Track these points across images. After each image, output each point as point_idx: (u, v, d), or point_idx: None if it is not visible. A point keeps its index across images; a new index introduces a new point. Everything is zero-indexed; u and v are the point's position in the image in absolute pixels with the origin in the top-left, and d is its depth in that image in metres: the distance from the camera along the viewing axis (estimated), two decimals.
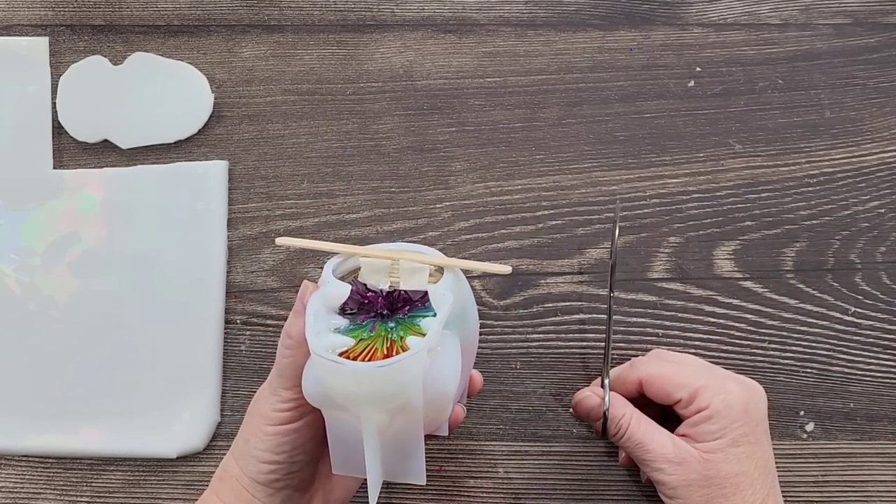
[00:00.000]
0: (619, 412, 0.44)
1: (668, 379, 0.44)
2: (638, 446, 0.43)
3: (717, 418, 0.42)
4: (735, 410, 0.42)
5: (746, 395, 0.42)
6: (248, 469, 0.41)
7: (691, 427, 0.42)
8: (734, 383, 0.43)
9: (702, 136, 0.52)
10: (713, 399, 0.42)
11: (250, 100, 0.52)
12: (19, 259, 0.50)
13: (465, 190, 0.51)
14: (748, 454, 0.42)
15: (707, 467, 0.41)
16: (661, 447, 0.42)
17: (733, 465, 0.41)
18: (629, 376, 0.45)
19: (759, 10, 0.53)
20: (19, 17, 0.53)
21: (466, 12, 0.53)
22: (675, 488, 0.41)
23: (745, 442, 0.42)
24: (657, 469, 0.42)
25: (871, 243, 0.51)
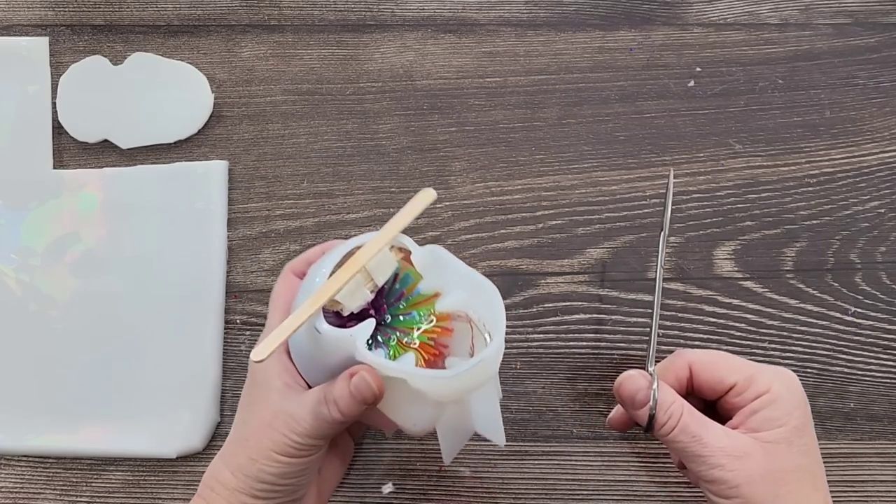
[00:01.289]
0: (670, 398, 0.38)
1: (721, 363, 0.40)
2: (693, 440, 0.37)
3: (780, 403, 0.38)
4: (796, 396, 0.38)
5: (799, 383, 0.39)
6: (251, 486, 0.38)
7: (749, 416, 0.38)
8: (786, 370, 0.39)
9: (702, 136, 0.52)
10: (773, 383, 0.38)
11: (250, 100, 0.52)
12: (19, 259, 0.50)
13: (465, 190, 0.51)
14: (810, 447, 0.38)
15: (772, 460, 0.37)
16: (717, 440, 0.37)
17: (798, 458, 0.37)
18: (675, 363, 0.40)
19: (759, 10, 0.53)
20: (19, 17, 0.53)
21: (466, 12, 0.53)
22: (738, 486, 0.36)
23: (806, 433, 0.38)
24: (715, 465, 0.37)
25: (871, 243, 0.51)
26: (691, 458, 0.38)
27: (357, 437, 0.47)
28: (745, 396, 0.38)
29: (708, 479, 0.37)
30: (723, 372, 0.39)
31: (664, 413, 0.38)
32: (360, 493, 0.48)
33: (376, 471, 0.49)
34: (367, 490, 0.49)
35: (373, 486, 0.49)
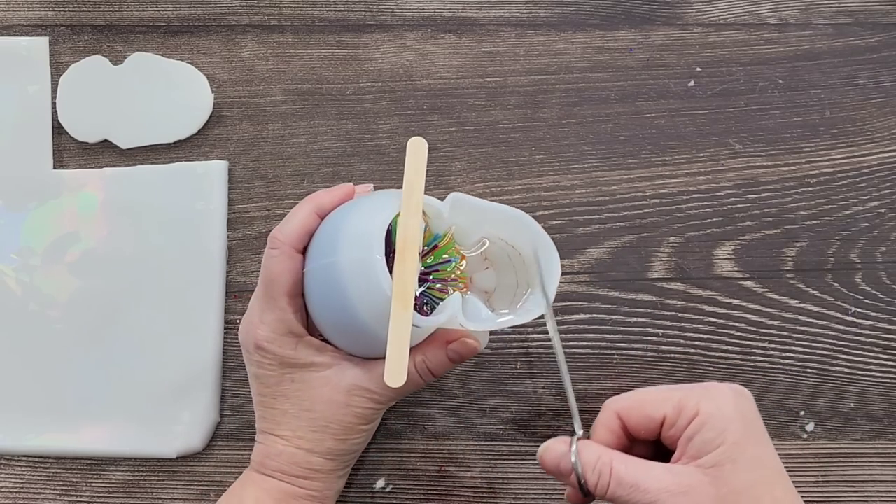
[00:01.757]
0: (593, 455, 0.36)
1: (646, 400, 0.37)
2: (633, 489, 0.35)
3: (712, 423, 0.36)
4: (727, 410, 0.36)
5: (732, 394, 0.37)
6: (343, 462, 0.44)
7: (686, 444, 0.36)
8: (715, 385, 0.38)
9: (702, 136, 0.52)
10: (700, 404, 0.36)
11: (250, 100, 0.52)
12: (19, 259, 0.50)
13: (465, 190, 0.51)
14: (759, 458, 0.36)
15: (718, 486, 0.35)
16: (658, 482, 0.35)
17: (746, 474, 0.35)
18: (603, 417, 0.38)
19: (759, 10, 0.53)
20: (19, 17, 0.53)
21: (466, 12, 0.53)
22: None
23: (749, 444, 0.36)
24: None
25: (871, 243, 0.51)
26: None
27: None
28: (678, 426, 0.36)
29: None
30: (649, 409, 0.37)
31: (592, 473, 0.36)
32: (359, 493, 0.48)
33: (377, 471, 0.49)
34: (368, 490, 0.49)
35: (374, 486, 0.49)
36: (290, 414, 0.42)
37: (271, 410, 0.43)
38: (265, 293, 0.42)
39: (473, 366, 0.50)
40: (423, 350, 0.42)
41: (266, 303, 0.42)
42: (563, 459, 0.36)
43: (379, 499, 0.49)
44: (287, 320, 0.41)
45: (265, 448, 0.43)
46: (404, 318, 0.37)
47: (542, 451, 0.38)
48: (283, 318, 0.41)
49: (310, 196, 0.43)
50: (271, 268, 0.41)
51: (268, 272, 0.42)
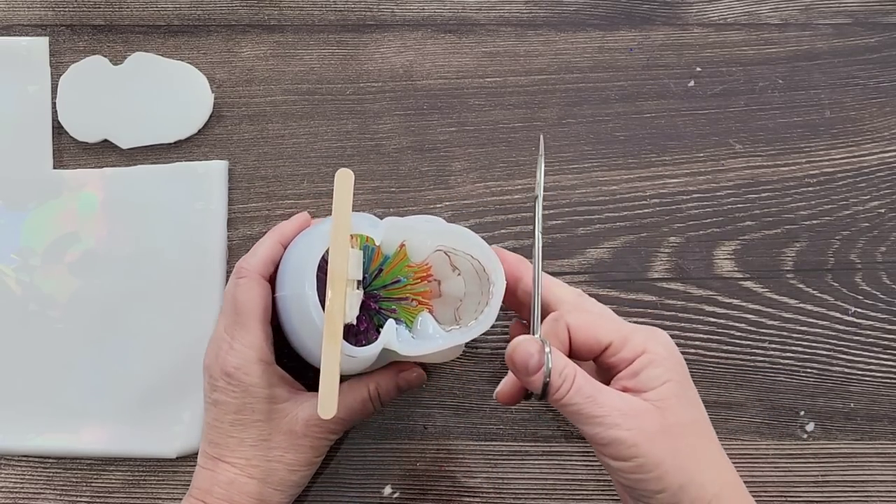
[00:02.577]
0: (561, 362, 0.37)
1: (597, 323, 0.39)
2: (588, 400, 0.36)
3: (660, 361, 0.38)
4: (673, 353, 0.38)
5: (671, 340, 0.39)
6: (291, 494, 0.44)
7: (632, 377, 0.38)
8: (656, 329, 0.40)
9: (702, 136, 0.52)
10: (648, 342, 0.38)
11: (250, 100, 0.52)
12: (19, 259, 0.50)
13: (465, 190, 0.51)
14: (696, 401, 0.38)
15: (665, 416, 0.36)
16: (611, 400, 0.36)
17: (688, 411, 0.37)
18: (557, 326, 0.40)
19: (759, 10, 0.53)
20: (19, 17, 0.53)
21: (466, 12, 0.53)
22: (636, 444, 0.36)
23: (688, 386, 0.38)
24: (612, 425, 0.36)
25: (871, 243, 0.51)
26: (587, 420, 0.37)
27: None
28: (622, 357, 0.38)
29: (605, 441, 0.36)
30: (599, 333, 0.39)
31: (558, 376, 0.37)
32: (360, 493, 0.48)
33: (376, 471, 0.49)
34: (367, 490, 0.49)
35: (373, 486, 0.49)
36: (247, 443, 0.43)
37: (227, 438, 0.43)
38: (235, 321, 0.43)
39: (473, 366, 0.50)
40: (377, 378, 0.44)
41: (237, 330, 0.43)
42: (532, 358, 0.37)
43: (379, 499, 0.49)
44: (258, 346, 0.42)
45: (212, 475, 0.42)
46: (333, 351, 0.38)
47: (514, 347, 0.38)
48: (255, 345, 0.42)
49: (274, 227, 0.46)
50: (240, 296, 0.43)
51: (237, 300, 0.43)
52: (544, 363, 0.37)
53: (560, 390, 0.37)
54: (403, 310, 0.44)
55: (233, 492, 0.42)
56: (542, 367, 0.37)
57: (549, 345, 0.38)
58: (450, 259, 0.45)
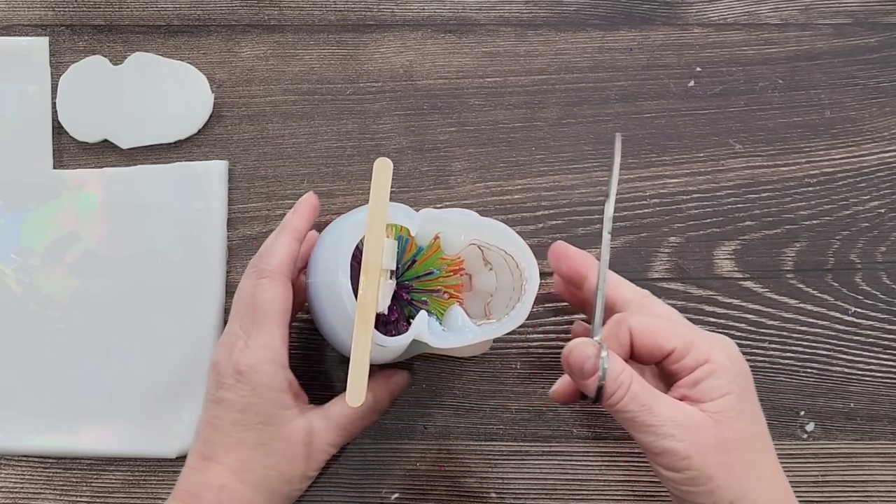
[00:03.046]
0: (618, 367, 0.36)
1: (661, 329, 0.38)
2: (643, 409, 0.36)
3: (722, 371, 0.36)
4: (737, 364, 0.37)
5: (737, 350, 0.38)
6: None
7: (692, 386, 0.37)
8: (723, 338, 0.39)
9: (702, 136, 0.52)
10: (712, 350, 0.37)
11: (250, 100, 0.52)
12: (19, 259, 0.50)
13: (465, 190, 0.51)
14: (756, 414, 0.37)
15: (722, 429, 0.35)
16: (667, 409, 0.36)
17: (747, 426, 0.36)
18: (618, 329, 0.39)
19: (759, 10, 0.53)
20: (19, 17, 0.53)
21: (466, 12, 0.53)
22: (689, 457, 0.35)
23: (750, 400, 0.37)
24: (666, 435, 0.35)
25: (871, 243, 0.51)
26: (640, 428, 0.36)
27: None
28: (685, 364, 0.37)
29: (657, 451, 0.36)
30: (662, 338, 0.38)
31: (613, 382, 0.36)
32: (360, 494, 0.48)
33: (376, 472, 0.49)
34: (367, 490, 0.49)
35: (373, 486, 0.49)
36: (245, 445, 0.41)
37: (225, 437, 0.41)
38: (254, 319, 0.41)
39: (473, 366, 0.50)
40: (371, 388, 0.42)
41: (254, 328, 0.41)
42: (588, 362, 0.36)
43: (379, 500, 0.49)
44: (274, 347, 0.41)
45: (202, 478, 0.41)
46: (364, 340, 0.39)
47: (570, 350, 0.37)
48: (271, 346, 0.41)
49: (282, 224, 0.44)
50: (261, 295, 0.41)
51: (257, 300, 0.41)
52: (600, 367, 0.36)
53: (614, 396, 0.36)
54: (435, 302, 0.45)
55: (223, 497, 0.40)
56: (598, 371, 0.36)
57: (606, 348, 0.37)
58: (482, 253, 0.45)
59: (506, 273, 0.44)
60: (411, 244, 0.45)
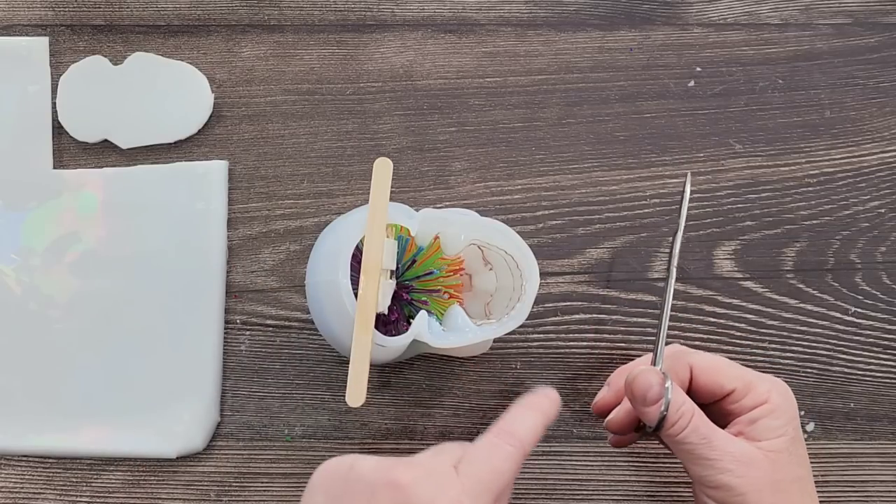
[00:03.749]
0: (680, 398, 0.37)
1: (722, 368, 0.39)
2: (704, 442, 0.36)
3: (779, 413, 0.37)
4: (792, 406, 0.38)
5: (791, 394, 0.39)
6: None
7: (749, 424, 0.37)
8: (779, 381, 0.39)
9: (702, 136, 0.52)
10: (771, 392, 0.38)
11: (250, 100, 0.52)
12: (19, 259, 0.50)
13: (465, 190, 0.51)
14: (805, 458, 0.38)
15: (776, 469, 0.36)
16: (725, 445, 0.36)
17: (796, 469, 0.37)
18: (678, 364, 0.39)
19: (759, 10, 0.53)
20: (19, 17, 0.53)
21: (466, 12, 0.53)
22: (745, 494, 0.36)
23: (801, 443, 0.38)
24: (724, 470, 0.36)
25: (871, 243, 0.51)
26: (698, 461, 0.37)
27: None
28: (743, 404, 0.38)
29: (713, 485, 0.36)
30: (723, 377, 0.39)
31: (676, 412, 0.37)
32: None
33: None
34: None
35: None
36: None
37: None
38: (479, 482, 0.34)
39: (473, 366, 0.50)
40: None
41: (464, 483, 0.34)
42: (652, 390, 0.37)
43: None
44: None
45: None
46: (364, 340, 0.39)
47: (634, 377, 0.38)
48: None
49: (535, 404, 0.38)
50: (498, 463, 0.35)
51: (490, 464, 0.35)
52: (663, 396, 0.37)
53: (676, 426, 0.37)
54: (435, 302, 0.45)
55: None
56: (661, 399, 0.37)
57: (671, 379, 0.38)
58: (483, 253, 0.45)
59: (506, 273, 0.44)
60: (411, 244, 0.45)
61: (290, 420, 0.49)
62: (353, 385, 0.38)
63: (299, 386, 0.50)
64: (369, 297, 0.39)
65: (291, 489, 0.48)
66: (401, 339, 0.41)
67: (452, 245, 0.44)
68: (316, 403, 0.49)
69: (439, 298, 0.45)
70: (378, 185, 0.40)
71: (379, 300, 0.40)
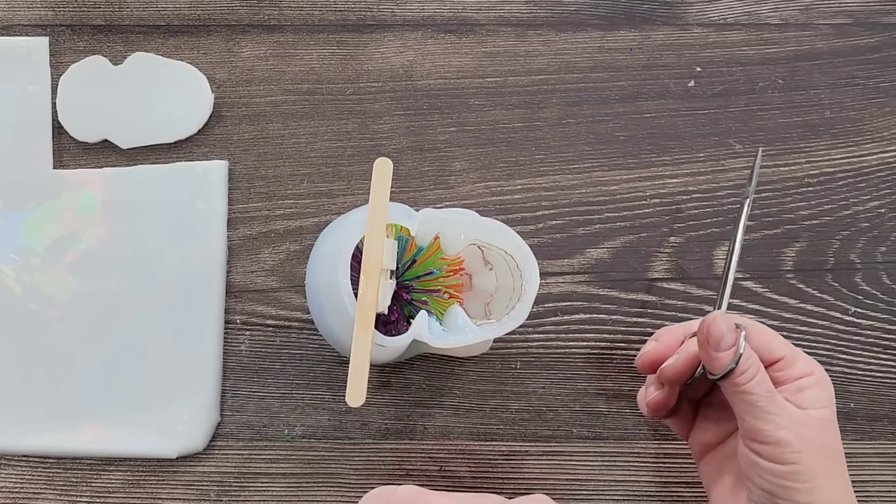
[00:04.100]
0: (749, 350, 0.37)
1: (773, 335, 0.39)
2: (769, 395, 0.37)
3: (823, 386, 0.38)
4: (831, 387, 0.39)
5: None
6: None
7: (796, 392, 0.38)
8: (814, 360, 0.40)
9: (702, 136, 0.52)
10: (815, 367, 0.38)
11: (250, 100, 0.52)
12: (19, 259, 0.50)
13: (465, 190, 0.51)
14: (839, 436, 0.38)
15: (825, 433, 0.37)
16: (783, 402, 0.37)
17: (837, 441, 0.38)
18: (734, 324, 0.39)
19: (759, 10, 0.53)
20: (19, 17, 0.53)
21: (466, 12, 0.53)
22: (801, 451, 0.36)
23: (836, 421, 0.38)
24: (783, 426, 0.36)
25: (871, 243, 0.51)
26: (759, 414, 0.37)
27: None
28: (790, 373, 0.38)
29: (771, 440, 0.36)
30: (774, 344, 0.39)
31: (745, 361, 0.37)
32: (360, 493, 0.48)
33: (377, 472, 0.49)
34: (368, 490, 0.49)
35: (374, 487, 0.49)
36: None
37: None
38: None
39: (473, 366, 0.50)
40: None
41: None
42: (727, 336, 0.37)
43: None
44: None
45: None
46: (364, 340, 0.39)
47: (712, 319, 0.38)
48: None
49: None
50: None
51: None
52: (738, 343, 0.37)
53: (746, 374, 0.37)
54: (435, 302, 0.45)
55: None
56: (735, 345, 0.37)
57: (744, 327, 0.38)
58: (483, 253, 0.45)
59: (506, 273, 0.44)
60: (411, 244, 0.45)
61: (290, 420, 0.49)
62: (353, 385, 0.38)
63: (299, 386, 0.50)
64: (369, 297, 0.39)
65: (291, 489, 0.49)
66: (401, 339, 0.41)
67: (452, 245, 0.44)
68: (316, 403, 0.49)
69: (439, 298, 0.45)
70: (378, 185, 0.40)
71: (379, 300, 0.40)
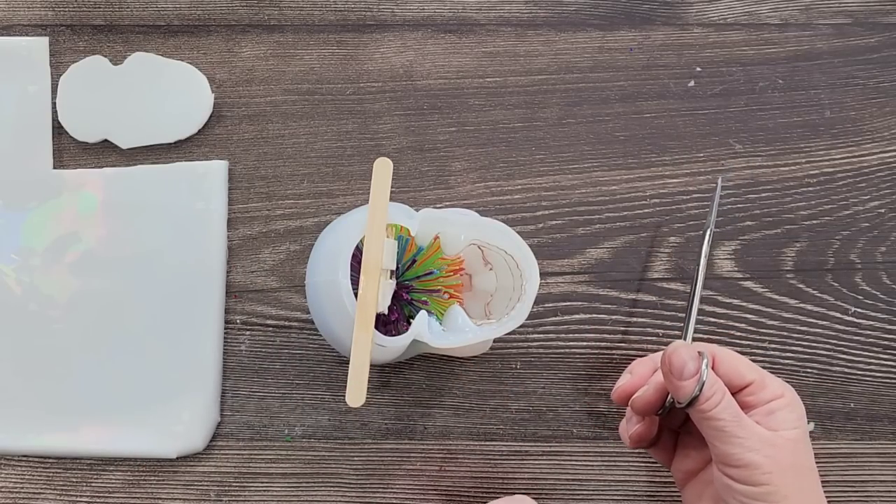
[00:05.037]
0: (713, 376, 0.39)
1: (742, 361, 0.40)
2: (735, 419, 0.38)
3: (794, 407, 0.39)
4: (802, 408, 0.40)
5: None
6: None
7: (767, 415, 0.38)
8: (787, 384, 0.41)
9: (702, 136, 0.52)
10: (785, 389, 0.39)
11: (250, 100, 0.52)
12: (19, 259, 0.50)
13: (465, 190, 0.51)
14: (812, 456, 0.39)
15: (796, 453, 0.38)
16: (753, 426, 0.38)
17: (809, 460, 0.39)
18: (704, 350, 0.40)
19: (759, 10, 0.53)
20: (19, 17, 0.53)
21: (466, 12, 0.53)
22: (771, 473, 0.37)
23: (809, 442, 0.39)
24: (752, 448, 0.37)
25: (871, 243, 0.51)
26: (727, 438, 0.37)
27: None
28: (760, 397, 0.39)
29: (740, 464, 0.37)
30: (743, 369, 0.40)
31: (710, 388, 0.38)
32: (360, 494, 0.48)
33: (376, 472, 0.49)
34: (368, 490, 0.49)
35: (373, 486, 0.49)
36: None
37: None
38: None
39: (473, 366, 0.50)
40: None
41: None
42: (689, 364, 0.38)
43: (380, 499, 0.49)
44: None
45: None
46: (364, 339, 0.39)
47: (673, 349, 0.39)
48: None
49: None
50: None
51: None
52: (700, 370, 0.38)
53: (710, 401, 0.38)
54: (435, 302, 0.45)
55: None
56: (698, 374, 0.38)
57: (706, 355, 0.39)
58: (483, 253, 0.45)
59: (506, 273, 0.44)
60: (411, 244, 0.45)
61: (290, 420, 0.49)
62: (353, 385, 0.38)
63: (299, 386, 0.50)
64: (369, 297, 0.39)
65: (291, 489, 0.49)
66: (401, 339, 0.41)
67: (452, 245, 0.44)
68: (316, 403, 0.49)
69: (439, 298, 0.45)
70: (378, 185, 0.40)
71: (379, 300, 0.40)
